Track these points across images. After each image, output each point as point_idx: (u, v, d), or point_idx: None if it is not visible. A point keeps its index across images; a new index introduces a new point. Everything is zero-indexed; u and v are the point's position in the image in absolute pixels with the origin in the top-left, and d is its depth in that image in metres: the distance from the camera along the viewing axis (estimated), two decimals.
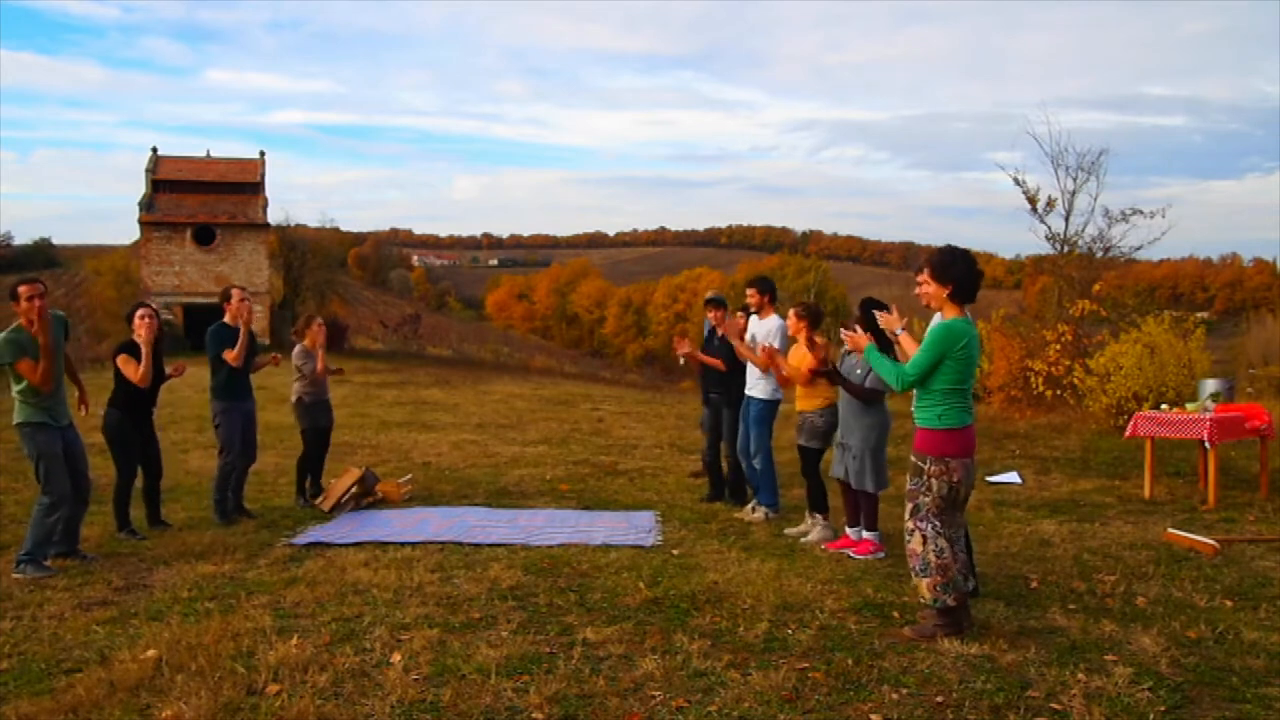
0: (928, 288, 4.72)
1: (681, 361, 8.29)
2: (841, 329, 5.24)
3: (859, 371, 6.19)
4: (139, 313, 6.95)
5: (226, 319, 7.36)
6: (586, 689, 3.93)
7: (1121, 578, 5.65)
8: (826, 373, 6.47)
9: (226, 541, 6.56)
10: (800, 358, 6.81)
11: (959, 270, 4.63)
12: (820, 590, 5.36)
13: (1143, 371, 12.26)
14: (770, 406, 7.40)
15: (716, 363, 7.90)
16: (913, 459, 4.68)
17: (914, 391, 4.70)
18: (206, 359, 7.32)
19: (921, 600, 4.69)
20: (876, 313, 5.25)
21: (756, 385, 7.39)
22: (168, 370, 7.12)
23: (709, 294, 8.35)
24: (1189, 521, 7.28)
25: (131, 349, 6.85)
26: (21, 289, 5.79)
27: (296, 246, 39.57)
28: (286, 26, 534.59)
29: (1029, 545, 6.55)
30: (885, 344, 5.37)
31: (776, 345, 7.15)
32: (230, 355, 7.18)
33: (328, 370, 8.23)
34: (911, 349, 4.85)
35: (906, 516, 4.70)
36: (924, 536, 4.60)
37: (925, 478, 4.59)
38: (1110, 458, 10.49)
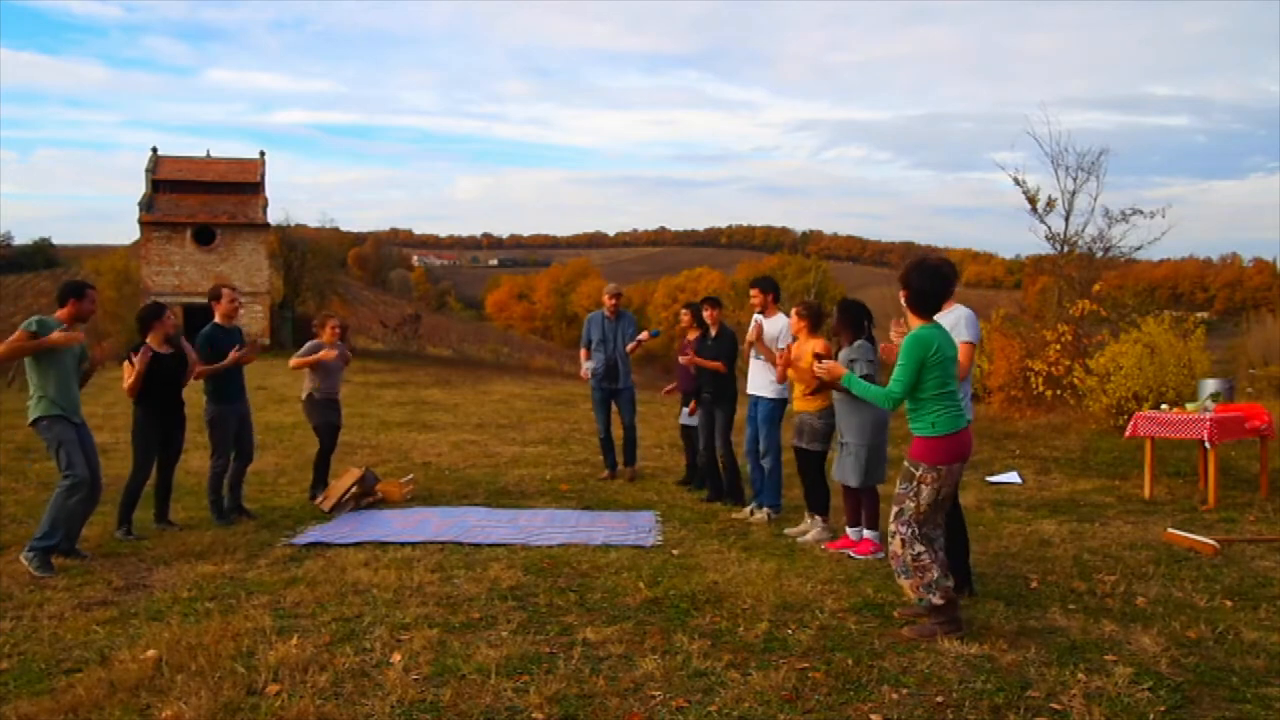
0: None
1: (682, 360, 8.37)
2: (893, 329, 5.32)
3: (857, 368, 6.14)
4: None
5: (217, 318, 7.29)
6: (586, 689, 3.93)
7: (1121, 578, 5.65)
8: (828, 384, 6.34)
9: (226, 541, 6.56)
10: (805, 355, 6.77)
11: (912, 279, 4.68)
12: (820, 590, 5.36)
13: (1143, 371, 12.26)
14: (779, 405, 7.39)
15: (718, 365, 7.93)
16: (906, 464, 4.68)
17: (906, 405, 4.71)
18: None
19: (907, 599, 4.73)
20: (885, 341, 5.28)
21: (768, 386, 7.36)
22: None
23: (707, 295, 8.44)
24: (1189, 521, 7.28)
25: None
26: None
27: (296, 246, 39.50)
28: (289, 26, 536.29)
29: (1029, 545, 6.55)
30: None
31: (783, 343, 7.18)
32: (199, 369, 7.01)
33: (343, 356, 8.40)
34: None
35: (891, 519, 4.72)
36: (903, 540, 4.62)
37: (915, 483, 4.60)
38: (1110, 458, 10.49)
